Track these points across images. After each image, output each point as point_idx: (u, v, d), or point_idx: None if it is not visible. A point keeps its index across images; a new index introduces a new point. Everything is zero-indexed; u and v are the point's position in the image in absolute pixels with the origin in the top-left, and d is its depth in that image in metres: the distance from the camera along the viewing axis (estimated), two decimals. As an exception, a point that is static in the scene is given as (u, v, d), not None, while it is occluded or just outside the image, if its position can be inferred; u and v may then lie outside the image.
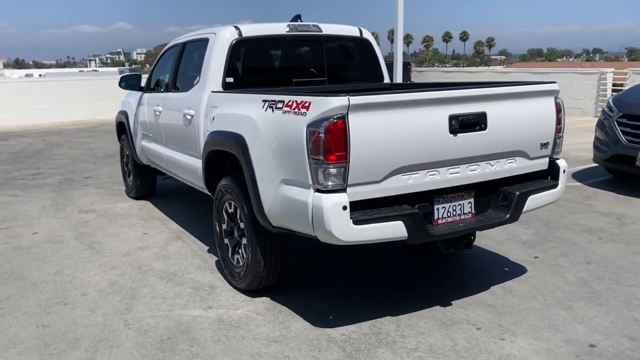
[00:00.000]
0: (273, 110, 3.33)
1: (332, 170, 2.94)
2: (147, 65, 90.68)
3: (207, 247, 4.94)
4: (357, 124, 2.93)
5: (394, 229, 3.10)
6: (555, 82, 3.70)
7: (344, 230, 2.98)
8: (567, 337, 3.26)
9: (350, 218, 2.98)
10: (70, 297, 3.95)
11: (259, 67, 4.77)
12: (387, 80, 5.22)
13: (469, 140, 3.30)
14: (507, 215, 3.54)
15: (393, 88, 5.36)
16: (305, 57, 5.06)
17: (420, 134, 3.13)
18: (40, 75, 44.15)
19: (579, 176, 7.43)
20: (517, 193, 3.54)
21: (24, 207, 6.57)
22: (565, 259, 4.50)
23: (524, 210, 3.60)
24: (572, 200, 6.24)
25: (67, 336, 3.38)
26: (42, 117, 15.62)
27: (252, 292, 3.91)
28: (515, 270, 4.30)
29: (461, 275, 4.29)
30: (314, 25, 4.79)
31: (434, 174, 3.26)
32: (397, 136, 3.06)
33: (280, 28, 4.67)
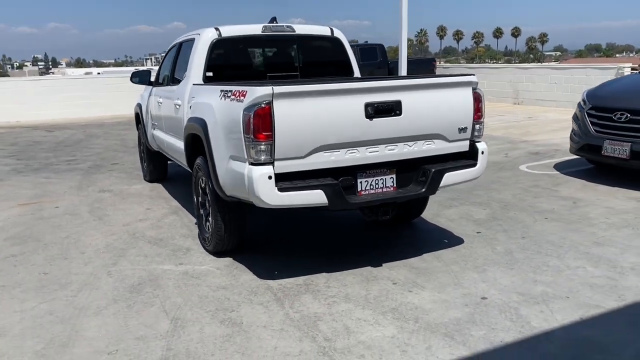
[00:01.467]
0: (225, 99, 4.05)
1: (261, 147, 3.63)
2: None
3: (196, 220, 5.70)
4: (281, 109, 3.61)
5: (315, 197, 3.76)
6: (473, 75, 4.27)
7: (270, 196, 3.67)
8: (466, 292, 3.83)
9: (276, 186, 3.67)
10: (70, 254, 4.79)
11: (236, 63, 5.51)
12: (357, 74, 5.85)
13: (385, 124, 3.92)
14: (423, 189, 4.14)
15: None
16: (279, 55, 5.77)
17: (339, 118, 3.78)
18: (98, 73, 46.79)
19: (561, 166, 7.82)
20: (433, 170, 4.14)
21: (54, 187, 7.55)
22: (504, 234, 5.02)
23: (441, 185, 4.18)
24: (541, 186, 6.69)
25: (60, 281, 4.21)
26: (86, 112, 16.93)
27: (219, 253, 4.64)
28: (453, 242, 4.86)
29: (402, 244, 4.87)
30: (287, 26, 5.48)
31: (354, 152, 3.90)
32: (317, 119, 3.72)
33: (256, 29, 5.38)
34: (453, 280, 4.02)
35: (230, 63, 5.45)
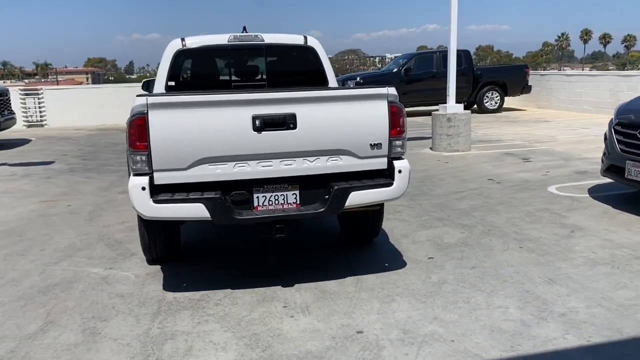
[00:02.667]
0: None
1: (138, 157, 3.62)
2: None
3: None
4: (157, 119, 3.57)
5: (196, 210, 3.66)
6: (386, 87, 3.89)
7: (144, 207, 3.64)
8: (347, 323, 3.50)
9: (151, 197, 3.63)
10: (31, 251, 5.12)
11: (199, 73, 5.55)
12: (332, 84, 5.62)
13: (277, 138, 3.71)
14: (323, 208, 3.85)
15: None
16: (245, 64, 5.70)
17: (222, 130, 3.65)
18: None
19: (598, 188, 6.86)
20: (336, 188, 3.84)
21: (84, 186, 8.14)
22: (455, 262, 4.52)
23: (349, 205, 3.87)
24: (551, 210, 5.93)
25: (4, 276, 4.53)
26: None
27: (153, 261, 4.69)
28: (393, 266, 4.47)
29: (338, 264, 4.57)
30: (255, 35, 5.41)
31: (244, 166, 3.74)
32: (198, 131, 3.62)
33: (223, 39, 5.37)
34: (347, 309, 3.70)
35: (194, 73, 5.51)
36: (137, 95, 3.66)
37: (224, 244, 5.31)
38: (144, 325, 3.56)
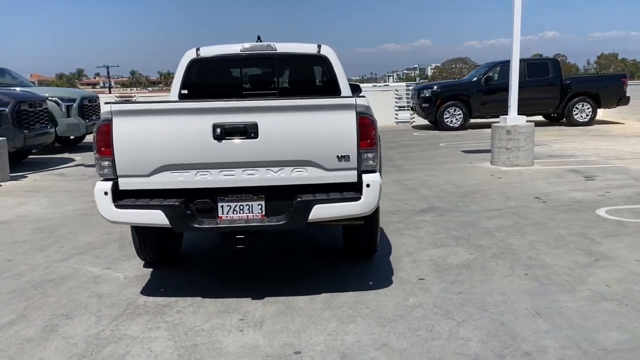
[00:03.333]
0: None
1: (103, 163, 3.73)
2: (437, 79, 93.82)
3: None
4: (120, 126, 3.67)
5: (155, 217, 3.71)
6: (353, 97, 3.71)
7: (107, 211, 3.74)
8: (291, 342, 3.36)
9: (113, 202, 3.73)
10: (50, 248, 5.47)
11: (212, 82, 5.62)
12: (345, 93, 5.47)
13: (238, 147, 3.67)
14: (284, 221, 3.74)
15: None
16: (257, 73, 5.70)
17: (183, 138, 3.67)
18: None
19: (657, 213, 6.10)
20: (298, 200, 3.71)
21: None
22: (445, 285, 4.20)
23: (313, 218, 3.73)
24: (585, 235, 5.34)
25: (9, 268, 4.86)
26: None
27: (149, 263, 4.82)
28: (376, 285, 4.25)
29: (321, 279, 4.41)
30: (268, 45, 5.42)
31: (205, 174, 3.73)
32: (159, 138, 3.67)
33: (235, 48, 5.43)
34: (300, 327, 3.56)
35: (207, 82, 5.60)
36: (105, 103, 3.78)
37: (224, 250, 5.33)
38: (100, 326, 3.65)
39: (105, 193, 3.72)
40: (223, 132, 3.64)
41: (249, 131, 3.64)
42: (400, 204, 7.00)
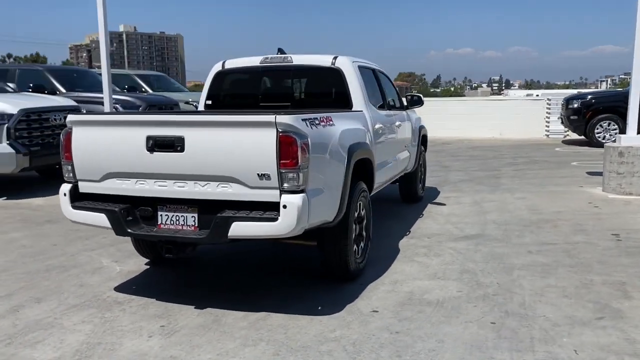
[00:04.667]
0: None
1: (66, 167, 4.15)
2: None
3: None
4: (78, 134, 4.05)
5: (100, 219, 4.02)
6: (276, 115, 3.57)
7: (67, 211, 4.16)
8: (176, 354, 3.40)
9: (71, 203, 4.13)
10: (94, 239, 6.17)
11: (234, 94, 5.79)
12: (357, 107, 5.26)
13: (167, 160, 3.80)
14: (204, 236, 3.77)
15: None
16: (274, 86, 5.70)
17: (122, 148, 3.91)
18: (537, 95, 47.62)
19: None
20: (218, 215, 3.71)
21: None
22: (388, 322, 3.83)
23: (233, 235, 3.70)
24: (626, 286, 4.40)
25: (32, 250, 5.62)
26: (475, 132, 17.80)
27: (152, 261, 5.21)
28: (321, 312, 4.04)
29: (277, 296, 4.32)
30: (285, 58, 5.45)
31: (143, 184, 3.94)
32: (105, 147, 3.97)
33: (256, 60, 5.57)
34: (200, 342, 3.56)
35: (229, 93, 5.79)
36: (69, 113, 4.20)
37: (227, 255, 5.48)
38: (51, 314, 4.05)
39: (65, 194, 4.13)
40: (154, 144, 3.79)
41: (175, 144, 3.75)
42: (449, 227, 6.46)
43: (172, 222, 3.96)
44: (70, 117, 4.06)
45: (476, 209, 7.42)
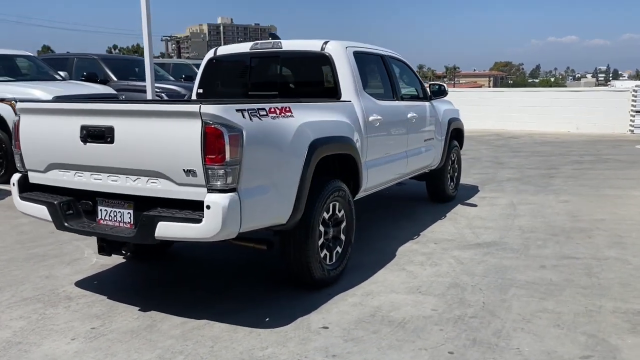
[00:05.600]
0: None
1: (17, 156, 4.03)
2: None
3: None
4: (24, 123, 3.90)
5: (42, 211, 3.86)
6: (200, 104, 3.19)
7: (16, 202, 4.04)
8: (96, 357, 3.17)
9: (19, 194, 4.00)
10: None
11: (224, 81, 5.44)
12: (346, 96, 4.76)
13: (98, 151, 3.55)
14: (132, 234, 3.48)
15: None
16: (262, 73, 5.27)
17: (60, 138, 3.71)
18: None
19: None
20: (144, 214, 3.42)
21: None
22: (333, 341, 3.38)
23: (157, 235, 3.39)
24: (636, 317, 3.65)
25: (42, 241, 5.62)
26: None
27: (134, 254, 5.00)
28: (266, 325, 3.66)
29: (233, 305, 3.98)
30: (275, 43, 5.05)
31: (81, 176, 3.72)
32: (45, 137, 3.79)
33: (246, 47, 5.22)
34: (120, 350, 3.30)
35: (220, 81, 5.46)
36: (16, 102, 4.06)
37: (215, 252, 5.20)
38: (2, 302, 3.96)
39: (13, 184, 4.01)
40: (87, 135, 3.56)
41: (106, 135, 3.48)
42: (466, 232, 5.81)
43: (110, 218, 3.72)
44: (19, 105, 3.92)
45: (507, 212, 6.66)
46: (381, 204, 7.15)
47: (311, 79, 5.08)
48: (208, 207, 3.22)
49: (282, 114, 3.70)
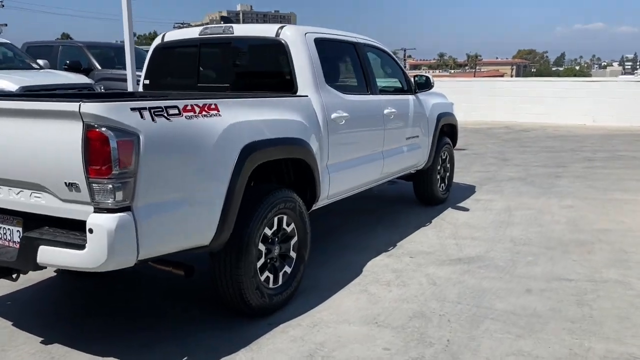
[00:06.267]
0: None
1: None
2: None
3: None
4: None
5: None
6: (80, 102, 2.57)
7: None
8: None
9: None
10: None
11: (172, 71, 4.82)
12: (303, 91, 4.11)
13: (-23, 157, 2.96)
14: (14, 258, 2.90)
15: None
16: (213, 62, 4.63)
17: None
18: None
19: None
20: (24, 235, 2.83)
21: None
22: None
23: (40, 261, 2.81)
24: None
25: None
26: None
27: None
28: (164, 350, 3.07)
29: (149, 332, 3.40)
30: (227, 27, 4.41)
31: (-35, 185, 3.14)
32: None
33: (195, 32, 4.59)
34: None
35: (168, 71, 4.84)
36: None
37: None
38: None
39: None
40: (-36, 136, 2.97)
41: None
42: (449, 243, 5.15)
43: (1, 235, 3.13)
44: None
45: (501, 218, 5.97)
46: (362, 205, 6.50)
47: (265, 69, 4.43)
48: (90, 230, 2.61)
49: (203, 113, 3.07)
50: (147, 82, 4.80)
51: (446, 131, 6.75)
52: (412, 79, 5.87)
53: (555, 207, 6.40)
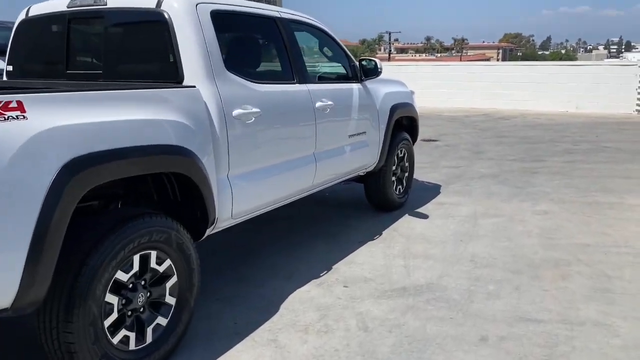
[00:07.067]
0: None
1: None
2: None
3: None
4: None
5: None
6: None
7: None
8: None
9: None
10: None
11: (37, 54, 3.80)
12: (190, 80, 3.12)
13: None
14: None
15: None
16: (83, 42, 3.62)
17: None
18: None
19: None
20: None
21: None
22: None
23: None
24: None
25: None
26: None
27: None
28: None
29: None
30: (99, -2, 3.39)
31: None
32: None
33: (63, 4, 3.56)
34: None
35: (33, 53, 3.82)
36: None
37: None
38: None
39: None
40: None
41: None
42: (397, 264, 4.23)
43: None
44: None
45: (464, 229, 5.05)
46: (306, 211, 5.56)
47: (144, 51, 3.40)
48: None
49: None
50: (10, 68, 3.79)
51: (404, 125, 5.81)
52: (357, 64, 4.89)
53: (527, 214, 5.49)
